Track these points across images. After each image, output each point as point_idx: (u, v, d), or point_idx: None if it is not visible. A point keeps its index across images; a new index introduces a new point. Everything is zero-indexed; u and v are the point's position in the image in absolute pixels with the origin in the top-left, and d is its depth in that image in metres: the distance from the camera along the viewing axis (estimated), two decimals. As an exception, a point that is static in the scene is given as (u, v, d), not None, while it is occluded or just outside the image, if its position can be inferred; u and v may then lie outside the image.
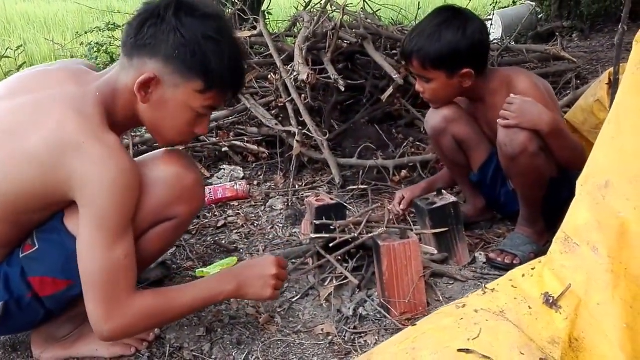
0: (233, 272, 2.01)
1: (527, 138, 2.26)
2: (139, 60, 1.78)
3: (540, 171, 2.35)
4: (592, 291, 1.33)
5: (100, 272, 1.73)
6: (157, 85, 1.79)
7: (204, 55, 1.78)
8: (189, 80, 1.79)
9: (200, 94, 1.82)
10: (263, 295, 1.97)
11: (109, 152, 1.70)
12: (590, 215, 1.41)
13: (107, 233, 1.72)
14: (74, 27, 8.78)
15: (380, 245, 2.13)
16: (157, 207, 1.88)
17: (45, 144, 1.69)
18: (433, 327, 1.32)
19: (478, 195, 2.81)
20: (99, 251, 1.72)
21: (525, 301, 1.35)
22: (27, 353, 2.06)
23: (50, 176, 1.70)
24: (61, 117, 1.71)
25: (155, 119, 1.87)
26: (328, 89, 3.80)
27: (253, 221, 3.01)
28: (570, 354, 1.26)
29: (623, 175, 1.40)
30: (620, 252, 1.34)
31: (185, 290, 1.94)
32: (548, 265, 1.42)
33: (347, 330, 2.08)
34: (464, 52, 2.41)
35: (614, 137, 1.45)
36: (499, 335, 1.24)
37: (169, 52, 1.75)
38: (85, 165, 1.68)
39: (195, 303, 1.92)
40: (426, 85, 2.53)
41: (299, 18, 4.35)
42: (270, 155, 3.66)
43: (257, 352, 2.00)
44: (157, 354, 2.03)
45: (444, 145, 2.67)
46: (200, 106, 1.85)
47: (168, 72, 1.77)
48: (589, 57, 5.24)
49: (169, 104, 1.83)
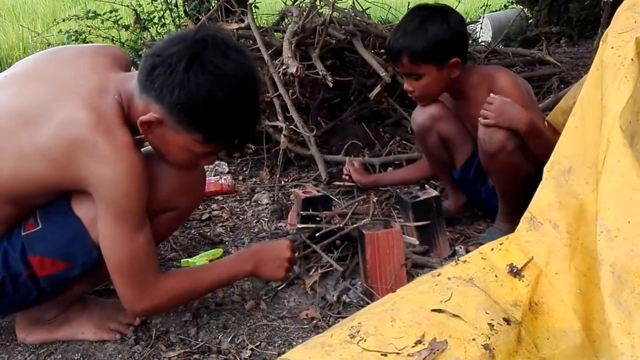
0: (251, 253, 2.30)
1: (505, 136, 2.53)
2: (147, 99, 1.91)
3: (517, 168, 2.62)
4: (551, 262, 1.63)
5: (128, 261, 1.97)
6: (159, 126, 1.94)
7: (208, 114, 1.91)
8: (190, 132, 1.95)
9: (201, 143, 1.98)
10: (276, 276, 2.29)
11: (121, 149, 1.88)
12: (554, 196, 1.70)
13: (127, 225, 1.94)
14: (44, 15, 9.01)
15: (365, 233, 2.38)
16: (162, 198, 2.09)
17: (57, 140, 1.86)
18: (410, 292, 1.60)
19: (459, 192, 3.07)
20: (123, 242, 1.95)
21: (493, 271, 1.64)
22: (10, 337, 2.24)
23: (63, 173, 1.89)
24: (75, 112, 1.88)
25: (158, 149, 2.06)
26: (315, 85, 4.00)
27: (238, 215, 3.24)
28: (529, 315, 1.55)
29: (584, 161, 1.69)
30: (578, 229, 1.64)
31: (208, 270, 2.25)
32: (514, 241, 1.72)
33: (331, 316, 2.32)
34: (451, 42, 2.65)
35: (577, 127, 1.74)
36: (468, 298, 1.52)
37: (172, 104, 1.88)
38: (99, 165, 1.86)
39: (216, 282, 2.23)
40: (415, 82, 2.73)
41: (287, 13, 4.56)
42: (256, 151, 3.88)
43: (243, 336, 2.22)
44: (144, 337, 2.22)
45: (429, 143, 2.92)
46: (201, 152, 2.03)
47: (171, 120, 1.91)
48: (574, 63, 5.53)
49: (170, 144, 2.00)
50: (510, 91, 2.62)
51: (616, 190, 1.49)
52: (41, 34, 6.08)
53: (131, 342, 2.21)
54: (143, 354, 2.14)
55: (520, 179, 2.66)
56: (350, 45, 4.04)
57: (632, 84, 1.57)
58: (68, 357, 2.15)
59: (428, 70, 2.68)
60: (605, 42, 1.76)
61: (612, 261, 1.41)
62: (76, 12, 6.53)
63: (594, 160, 1.63)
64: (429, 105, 2.86)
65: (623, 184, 1.48)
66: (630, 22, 1.72)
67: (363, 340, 1.41)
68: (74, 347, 2.19)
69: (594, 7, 6.45)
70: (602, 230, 1.46)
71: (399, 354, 1.36)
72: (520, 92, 2.66)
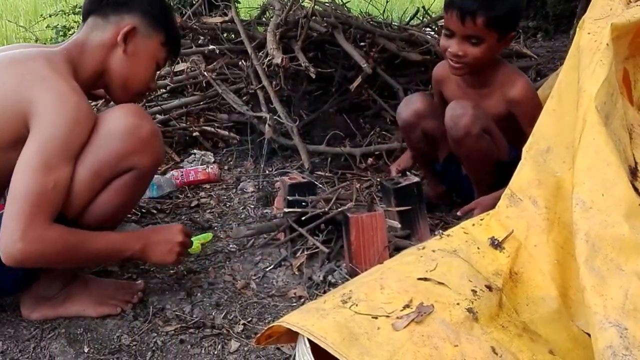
0: (141, 234, 2.34)
1: (470, 121, 2.60)
2: (116, 17, 2.23)
3: (484, 152, 2.69)
4: (530, 235, 1.73)
5: (27, 191, 1.93)
6: (134, 37, 2.24)
7: (167, 13, 2.37)
8: (158, 33, 2.29)
9: (162, 47, 2.32)
10: (166, 260, 2.26)
11: (69, 89, 2.02)
12: (533, 175, 1.79)
13: (46, 157, 1.94)
14: (26, 12, 9.03)
15: (350, 217, 2.48)
16: (115, 156, 2.10)
17: (16, 77, 2.00)
18: (397, 263, 1.69)
19: (439, 181, 3.17)
20: (33, 171, 1.93)
21: (475, 243, 1.73)
22: (15, 313, 2.30)
23: (13, 101, 1.98)
24: (33, 60, 2.06)
25: (126, 68, 2.27)
26: (297, 77, 4.10)
27: (225, 202, 3.32)
28: (510, 284, 1.65)
29: (561, 141, 1.78)
30: (555, 204, 1.74)
31: (97, 237, 2.12)
32: (495, 216, 1.82)
33: (317, 294, 2.40)
34: (520, 14, 2.65)
35: (555, 110, 1.84)
36: (452, 268, 1.61)
37: (145, 7, 2.25)
38: (45, 93, 1.98)
39: (103, 251, 2.15)
40: (472, 48, 2.60)
41: (268, 6, 4.66)
42: (240, 141, 3.95)
43: (235, 312, 2.31)
44: (142, 314, 2.31)
45: (413, 138, 2.99)
46: (161, 58, 2.34)
47: (143, 24, 2.25)
48: (550, 56, 5.62)
49: (140, 54, 2.28)
50: (523, 103, 2.64)
51: (591, 166, 1.57)
52: (28, 29, 6.09)
53: (130, 317, 2.29)
54: (142, 329, 2.22)
55: (490, 164, 2.73)
56: (332, 38, 4.10)
57: (607, 67, 1.66)
58: (71, 332, 2.22)
59: (492, 37, 2.59)
60: (582, 28, 1.83)
61: (587, 230, 1.50)
62: (58, 9, 6.54)
63: (570, 141, 1.71)
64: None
65: (597, 160, 1.57)
66: (606, 9, 1.81)
67: (355, 305, 1.49)
68: (76, 322, 2.26)
69: (570, 2, 6.51)
70: (577, 202, 1.55)
71: (388, 317, 1.45)
72: (532, 105, 2.61)
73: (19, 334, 2.22)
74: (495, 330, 1.49)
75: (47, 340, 2.19)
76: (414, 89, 4.29)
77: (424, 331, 1.42)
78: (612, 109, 1.68)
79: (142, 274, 2.58)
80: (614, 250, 1.47)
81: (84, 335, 2.20)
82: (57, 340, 2.18)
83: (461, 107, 2.66)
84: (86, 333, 2.21)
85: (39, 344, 2.17)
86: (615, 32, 1.74)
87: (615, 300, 1.40)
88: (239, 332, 2.20)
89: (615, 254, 1.47)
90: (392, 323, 1.44)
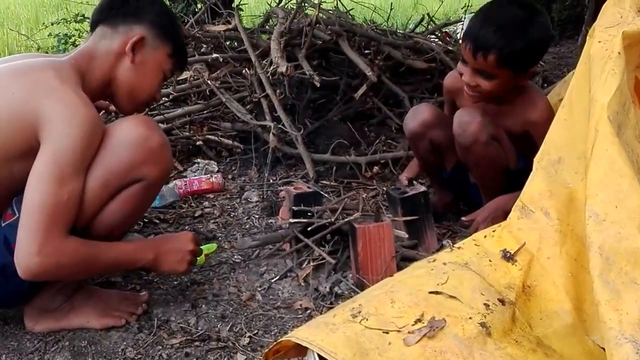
0: (153, 243, 2.32)
1: (477, 128, 2.59)
2: (125, 27, 2.23)
3: (493, 160, 2.67)
4: (543, 248, 1.71)
5: (42, 204, 1.92)
6: (142, 47, 2.24)
7: (175, 25, 2.36)
8: (166, 44, 2.29)
9: (169, 58, 2.31)
10: (178, 269, 2.26)
11: (80, 101, 2.00)
12: (544, 186, 1.77)
13: (59, 170, 1.93)
14: (28, 20, 9.04)
15: (356, 227, 2.45)
16: (125, 167, 2.09)
17: (26, 87, 1.98)
18: (408, 276, 1.67)
19: (446, 190, 3.15)
20: (47, 184, 1.92)
21: (486, 256, 1.71)
22: (19, 326, 2.27)
23: (22, 112, 1.96)
24: (42, 71, 2.05)
25: (133, 78, 2.26)
26: (302, 86, 4.06)
27: (229, 212, 3.29)
28: (523, 297, 1.63)
29: (573, 152, 1.77)
30: (568, 216, 1.72)
31: (111, 247, 2.13)
32: (507, 228, 1.80)
33: (324, 306, 2.38)
34: (542, 49, 2.56)
35: (566, 119, 1.82)
36: (464, 281, 1.59)
37: (153, 18, 2.25)
38: (55, 105, 1.96)
39: (116, 262, 2.15)
40: (484, 80, 2.56)
41: (272, 14, 4.65)
42: (244, 150, 3.91)
43: (241, 325, 2.29)
44: (146, 326, 2.28)
45: (421, 148, 2.97)
46: (167, 69, 2.33)
47: (152, 35, 2.25)
48: (557, 62, 5.60)
49: (148, 64, 2.27)
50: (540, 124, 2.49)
51: (604, 177, 1.55)
52: (30, 37, 6.09)
53: (134, 330, 2.26)
54: (146, 341, 2.19)
55: (498, 171, 2.71)
56: (336, 46, 4.09)
57: (619, 76, 1.64)
58: (75, 345, 2.19)
59: (504, 74, 2.53)
60: (592, 37, 1.81)
61: (601, 243, 1.48)
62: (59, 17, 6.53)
63: (582, 151, 1.70)
64: (427, 108, 2.87)
65: (610, 171, 1.55)
66: (616, 17, 1.79)
67: (365, 319, 1.47)
68: (80, 335, 2.23)
69: (575, 7, 6.48)
70: (590, 215, 1.53)
71: (399, 332, 1.42)
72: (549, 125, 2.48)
73: (22, 347, 2.19)
74: (509, 346, 1.47)
75: (50, 353, 2.16)
76: (419, 97, 4.30)
77: (437, 346, 1.40)
78: (625, 119, 1.66)
79: (146, 285, 2.56)
80: (629, 263, 1.45)
81: (88, 348, 2.18)
82: (60, 353, 2.15)
83: (469, 114, 2.65)
84: (90, 346, 2.19)
85: (42, 357, 2.14)
86: (627, 40, 1.72)
87: (631, 315, 1.37)
88: (244, 345, 2.17)
89: (630, 267, 1.45)
90: (404, 338, 1.42)
